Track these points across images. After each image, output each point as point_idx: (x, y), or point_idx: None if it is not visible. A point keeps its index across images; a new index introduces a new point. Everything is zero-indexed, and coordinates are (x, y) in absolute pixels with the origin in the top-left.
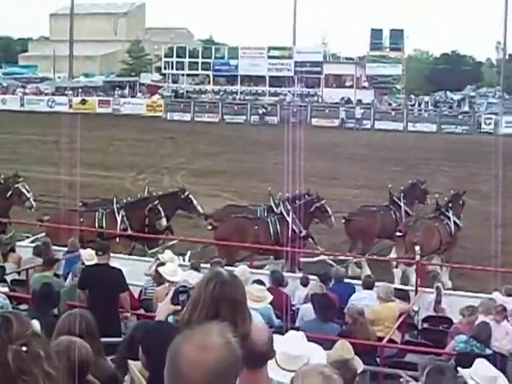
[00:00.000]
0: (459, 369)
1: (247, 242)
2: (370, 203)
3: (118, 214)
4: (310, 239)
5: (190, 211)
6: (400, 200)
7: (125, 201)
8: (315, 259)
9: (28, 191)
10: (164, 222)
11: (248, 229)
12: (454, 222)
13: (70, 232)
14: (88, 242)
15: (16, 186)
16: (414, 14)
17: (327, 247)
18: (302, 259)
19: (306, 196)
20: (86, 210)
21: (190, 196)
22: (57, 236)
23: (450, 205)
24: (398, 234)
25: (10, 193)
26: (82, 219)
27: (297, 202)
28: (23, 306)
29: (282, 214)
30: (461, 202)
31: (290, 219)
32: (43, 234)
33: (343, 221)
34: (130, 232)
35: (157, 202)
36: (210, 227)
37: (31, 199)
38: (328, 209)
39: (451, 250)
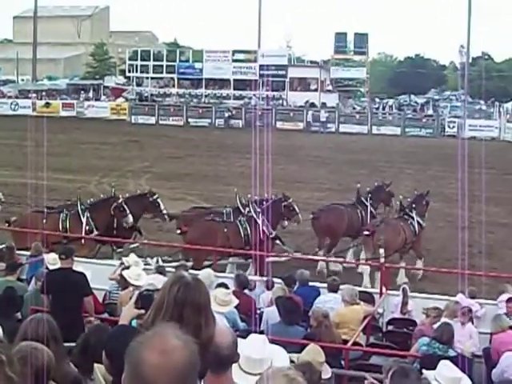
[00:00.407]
0: (423, 371)
1: (217, 245)
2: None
3: (83, 215)
4: (277, 240)
5: (157, 215)
6: (367, 200)
7: (88, 202)
8: (283, 259)
9: None
10: (130, 219)
11: (218, 231)
12: (418, 221)
13: (36, 234)
14: (53, 243)
15: None
16: (378, 17)
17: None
18: (271, 258)
19: (273, 197)
20: (51, 212)
21: (158, 200)
22: (23, 238)
23: (414, 205)
24: (365, 233)
25: None
26: (45, 221)
27: (264, 203)
28: None
29: (250, 216)
30: (424, 202)
31: (260, 221)
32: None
33: (311, 216)
34: (93, 234)
35: (121, 200)
36: (178, 231)
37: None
38: (295, 206)
39: (418, 249)
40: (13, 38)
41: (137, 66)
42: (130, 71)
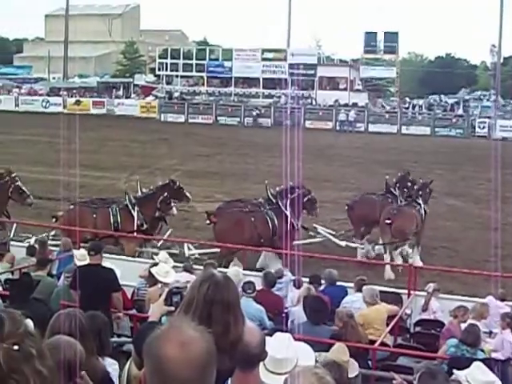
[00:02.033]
0: (455, 371)
1: (245, 235)
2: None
3: (133, 209)
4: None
5: (182, 199)
6: (395, 190)
7: (135, 197)
8: (311, 240)
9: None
10: (175, 211)
11: (245, 221)
12: (424, 208)
13: (84, 227)
14: (102, 238)
15: (17, 183)
16: (408, 16)
17: None
18: (299, 242)
19: (297, 189)
20: (100, 207)
21: (181, 186)
22: (73, 233)
23: (420, 192)
24: (387, 221)
25: (10, 190)
26: (95, 215)
27: (289, 195)
28: None
29: (278, 206)
30: (428, 191)
31: (288, 212)
32: (45, 235)
33: (346, 207)
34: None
35: (166, 193)
36: (208, 222)
37: (31, 196)
38: (317, 201)
39: (420, 234)
40: (44, 36)
41: (167, 64)
42: (159, 69)
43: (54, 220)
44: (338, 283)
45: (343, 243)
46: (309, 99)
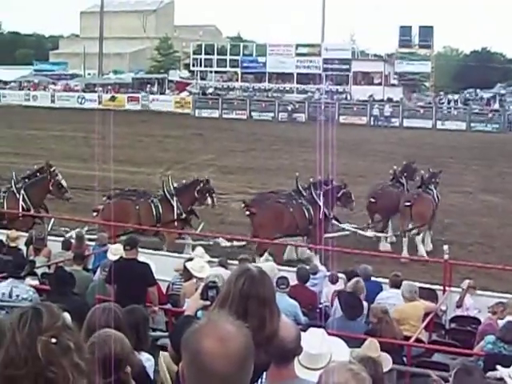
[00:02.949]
0: (498, 367)
1: (284, 224)
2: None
3: (172, 199)
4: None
5: (210, 195)
6: (401, 179)
7: (174, 187)
8: (340, 233)
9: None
10: (210, 200)
11: (284, 212)
12: (437, 195)
13: (127, 222)
14: (144, 231)
15: (56, 177)
16: (443, 10)
17: None
18: (329, 235)
19: (330, 182)
20: (140, 198)
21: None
22: (113, 227)
23: (433, 180)
24: (406, 204)
25: (50, 184)
26: (137, 207)
27: (324, 186)
28: None
29: (312, 197)
30: (438, 179)
31: (321, 202)
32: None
33: (372, 200)
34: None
35: (206, 181)
36: (247, 213)
37: (69, 191)
38: (352, 195)
39: (433, 220)
40: (80, 33)
41: (201, 60)
42: (194, 65)
43: (94, 214)
44: (373, 279)
45: (371, 234)
46: (343, 94)
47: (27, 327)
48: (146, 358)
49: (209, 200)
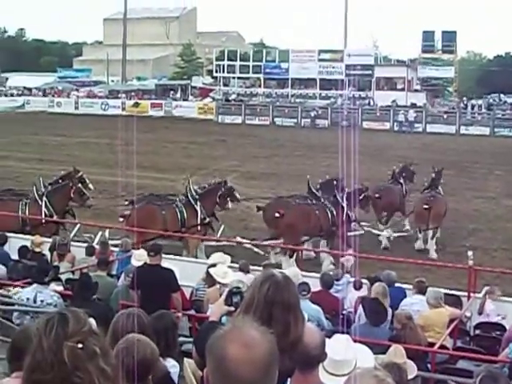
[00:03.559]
0: None
1: (311, 225)
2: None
3: (196, 204)
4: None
5: (233, 199)
6: (400, 178)
7: (196, 191)
8: (355, 233)
9: (89, 188)
10: (230, 204)
11: (311, 213)
12: (442, 193)
13: (154, 227)
14: (169, 236)
15: (78, 185)
16: (466, 15)
17: None
18: (350, 233)
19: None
20: (165, 203)
21: (232, 186)
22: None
23: (439, 180)
24: (425, 206)
25: (72, 192)
26: (164, 212)
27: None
28: None
29: (336, 200)
30: (442, 180)
31: (344, 204)
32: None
33: (376, 195)
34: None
35: (229, 186)
36: (277, 215)
37: (91, 198)
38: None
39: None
40: (103, 39)
41: (224, 66)
42: (217, 71)
43: (121, 219)
44: (397, 285)
45: (386, 233)
46: (366, 100)
47: (53, 332)
48: (171, 365)
49: (229, 204)
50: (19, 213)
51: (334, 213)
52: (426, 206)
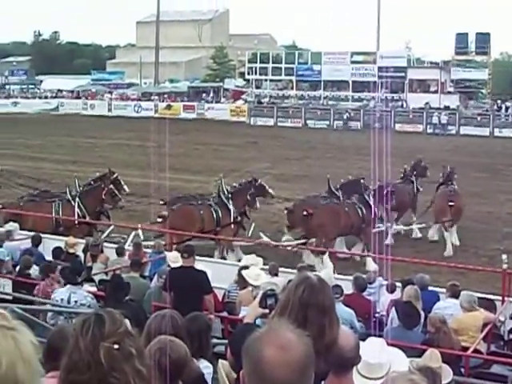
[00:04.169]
0: None
1: (342, 224)
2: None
3: (229, 203)
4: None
5: (265, 196)
6: (411, 177)
7: (227, 190)
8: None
9: (124, 189)
10: (258, 204)
11: (341, 212)
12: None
13: (193, 226)
14: (206, 232)
15: (110, 186)
16: (500, 16)
17: None
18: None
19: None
20: (201, 203)
21: (263, 182)
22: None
23: (454, 176)
24: (451, 203)
25: (104, 193)
26: (201, 212)
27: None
28: None
29: (365, 199)
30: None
31: (372, 202)
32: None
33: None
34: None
35: (260, 183)
36: (305, 213)
37: (123, 199)
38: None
39: None
40: (136, 42)
41: (256, 68)
42: (249, 74)
43: (159, 220)
44: (430, 288)
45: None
46: (398, 102)
47: (90, 333)
48: (204, 366)
49: (258, 204)
50: (53, 214)
51: (364, 210)
52: (451, 203)
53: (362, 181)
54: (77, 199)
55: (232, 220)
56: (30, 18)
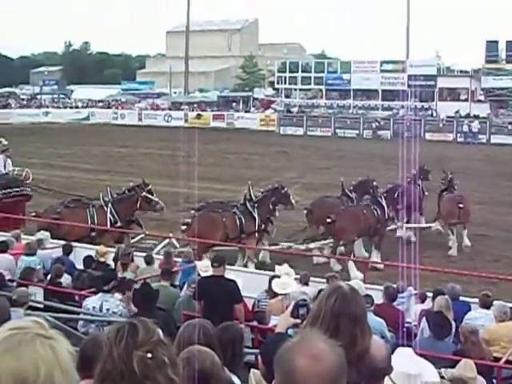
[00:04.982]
0: None
1: (361, 226)
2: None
3: (254, 211)
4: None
5: (287, 204)
6: (417, 179)
7: (253, 198)
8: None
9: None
10: (277, 213)
11: (360, 215)
12: None
13: (217, 233)
14: (231, 239)
15: (143, 194)
16: None
17: None
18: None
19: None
20: (225, 210)
21: (288, 191)
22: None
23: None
24: (460, 205)
25: (138, 200)
26: (224, 219)
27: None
28: None
29: (376, 199)
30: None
31: (384, 203)
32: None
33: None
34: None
35: (281, 187)
36: (329, 220)
37: (161, 202)
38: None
39: None
40: (166, 52)
41: (285, 77)
42: (278, 83)
43: (184, 227)
44: (461, 298)
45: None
46: (428, 111)
47: (124, 342)
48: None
49: (277, 213)
50: (87, 219)
51: (379, 211)
52: (461, 205)
53: (373, 182)
54: (109, 205)
55: (257, 228)
56: (61, 29)
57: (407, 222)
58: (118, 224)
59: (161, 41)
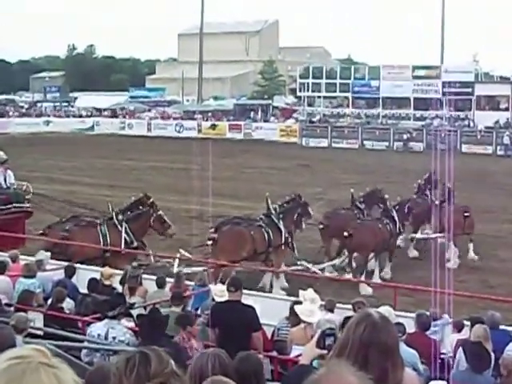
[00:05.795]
0: None
1: (378, 241)
2: None
3: (279, 222)
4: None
5: (305, 215)
6: (427, 191)
7: (277, 210)
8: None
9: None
10: (304, 225)
11: (375, 230)
12: None
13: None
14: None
15: (159, 212)
16: None
17: None
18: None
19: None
20: (251, 225)
21: (306, 201)
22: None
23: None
24: (465, 214)
25: (152, 219)
26: (252, 233)
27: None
28: None
29: (388, 213)
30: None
31: (395, 216)
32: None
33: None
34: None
35: (299, 197)
36: (346, 234)
37: (173, 226)
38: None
39: None
40: (178, 56)
41: (308, 84)
42: (300, 90)
43: (209, 242)
44: (502, 327)
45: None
46: (465, 121)
47: (135, 373)
48: None
49: (303, 225)
50: (100, 239)
51: (391, 225)
52: (466, 214)
53: (381, 193)
54: (124, 224)
55: (283, 240)
56: (64, 31)
57: (414, 233)
58: (134, 244)
59: (172, 44)
